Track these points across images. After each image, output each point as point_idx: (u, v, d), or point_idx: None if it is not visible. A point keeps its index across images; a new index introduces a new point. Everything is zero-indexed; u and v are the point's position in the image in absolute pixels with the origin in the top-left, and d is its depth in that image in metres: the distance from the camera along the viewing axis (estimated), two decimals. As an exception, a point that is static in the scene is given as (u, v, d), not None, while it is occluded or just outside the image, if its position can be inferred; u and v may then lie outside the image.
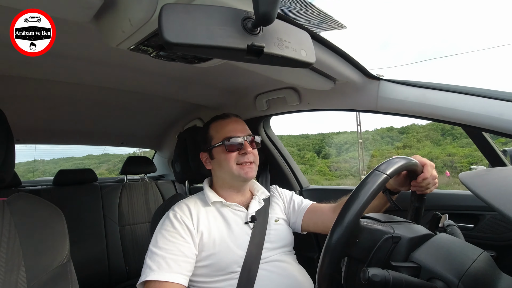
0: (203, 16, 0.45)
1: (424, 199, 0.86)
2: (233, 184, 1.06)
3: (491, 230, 1.01)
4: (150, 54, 0.72)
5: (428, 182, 0.82)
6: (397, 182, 0.89)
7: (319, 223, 1.08)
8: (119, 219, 2.06)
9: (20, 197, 0.79)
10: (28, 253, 0.71)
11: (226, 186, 1.07)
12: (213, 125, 1.08)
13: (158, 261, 0.86)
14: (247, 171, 1.01)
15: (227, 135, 1.02)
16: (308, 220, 1.11)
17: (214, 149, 1.04)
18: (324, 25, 0.79)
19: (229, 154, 1.01)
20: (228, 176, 1.04)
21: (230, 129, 1.04)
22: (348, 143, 22.17)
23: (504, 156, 1.04)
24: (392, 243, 0.61)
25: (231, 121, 1.07)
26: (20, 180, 1.96)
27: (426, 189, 0.83)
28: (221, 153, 1.02)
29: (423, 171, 0.82)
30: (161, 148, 2.53)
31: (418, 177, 0.82)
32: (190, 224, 0.95)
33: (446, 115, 0.90)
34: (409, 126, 26.66)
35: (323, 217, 1.08)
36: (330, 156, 26.41)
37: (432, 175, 0.82)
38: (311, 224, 1.10)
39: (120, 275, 1.94)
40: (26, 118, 1.66)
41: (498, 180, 0.51)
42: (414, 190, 0.86)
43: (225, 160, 1.01)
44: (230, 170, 1.01)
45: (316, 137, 27.64)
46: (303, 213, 1.12)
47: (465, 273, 0.53)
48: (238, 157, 1.01)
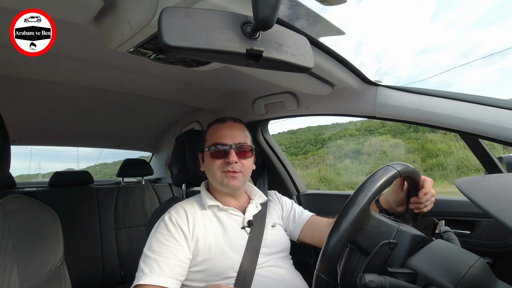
0: (203, 20, 0.46)
1: (418, 219, 0.88)
2: (221, 189, 1.05)
3: (487, 237, 1.02)
4: (149, 57, 0.72)
5: (427, 198, 0.84)
6: (397, 199, 0.90)
7: (315, 236, 1.08)
8: (115, 222, 2.04)
9: (14, 198, 0.78)
10: (21, 255, 0.70)
11: (217, 189, 1.07)
12: (210, 128, 1.08)
13: (151, 265, 0.86)
14: (230, 180, 0.99)
15: (215, 140, 1.01)
16: (306, 231, 1.11)
17: (205, 152, 1.05)
18: (323, 31, 0.80)
19: (214, 161, 1.00)
20: (213, 181, 1.04)
21: (220, 135, 1.02)
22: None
23: (500, 163, 1.05)
24: (388, 249, 0.61)
25: (225, 126, 1.05)
26: (15, 182, 1.95)
27: (424, 207, 0.85)
28: (208, 157, 1.02)
29: (423, 186, 0.83)
30: (158, 151, 2.52)
31: (420, 192, 0.84)
32: (185, 228, 0.94)
33: (443, 122, 0.90)
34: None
35: (320, 230, 1.07)
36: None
37: (431, 192, 0.84)
38: (308, 235, 1.10)
39: (115, 279, 1.92)
40: (22, 119, 1.65)
41: (494, 187, 0.52)
42: (411, 208, 0.87)
43: (210, 165, 1.01)
44: (214, 176, 1.01)
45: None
46: (303, 224, 1.12)
47: (461, 280, 0.53)
48: (223, 165, 0.99)
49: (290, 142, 23.07)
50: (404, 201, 0.90)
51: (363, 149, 16.78)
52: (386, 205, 0.94)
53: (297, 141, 22.74)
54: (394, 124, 16.06)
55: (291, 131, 25.24)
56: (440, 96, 0.93)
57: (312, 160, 16.91)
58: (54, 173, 2.05)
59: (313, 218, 1.14)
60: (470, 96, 0.89)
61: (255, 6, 0.44)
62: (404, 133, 17.01)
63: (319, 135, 22.34)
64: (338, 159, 16.68)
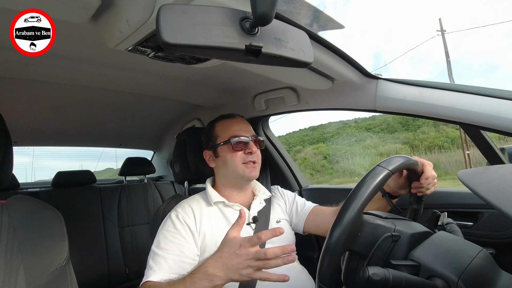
0: (201, 17, 0.45)
1: (422, 201, 0.87)
2: (236, 183, 1.07)
3: (490, 228, 1.02)
4: (148, 55, 0.72)
5: (429, 182, 0.83)
6: (398, 184, 0.90)
7: (320, 226, 1.09)
8: (118, 220, 2.05)
9: (18, 199, 0.79)
10: (27, 255, 0.70)
11: (229, 185, 1.08)
12: (219, 124, 1.09)
13: (159, 262, 0.87)
14: (251, 171, 1.03)
15: (233, 134, 1.04)
16: (310, 222, 1.11)
17: (220, 147, 1.05)
18: (322, 25, 0.79)
19: (235, 153, 1.02)
20: (233, 174, 1.04)
21: (237, 128, 1.06)
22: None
23: (502, 154, 1.05)
24: (391, 241, 0.62)
25: (237, 121, 1.09)
26: (18, 183, 1.96)
27: (427, 190, 0.84)
28: (227, 151, 1.03)
29: (423, 171, 0.83)
30: (160, 149, 2.52)
31: (421, 177, 0.83)
32: (192, 225, 0.95)
33: (444, 114, 0.90)
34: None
35: (325, 219, 1.08)
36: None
37: (432, 175, 0.83)
38: (313, 226, 1.11)
39: (120, 277, 1.93)
40: (24, 120, 1.65)
41: (496, 178, 0.52)
42: (414, 192, 0.86)
43: (231, 158, 1.03)
44: (235, 169, 1.02)
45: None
46: (306, 215, 1.12)
47: (464, 271, 0.53)
48: (244, 156, 1.03)
49: (296, 141, 23.75)
50: (406, 185, 0.89)
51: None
52: (388, 189, 0.94)
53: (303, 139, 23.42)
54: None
55: (312, 127, 25.68)
56: (441, 88, 0.92)
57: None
58: (56, 173, 2.06)
59: (316, 208, 1.14)
60: (471, 88, 0.88)
61: (254, 1, 0.43)
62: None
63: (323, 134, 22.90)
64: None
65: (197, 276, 0.74)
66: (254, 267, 0.69)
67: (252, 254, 0.69)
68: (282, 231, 0.68)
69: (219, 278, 0.72)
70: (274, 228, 0.69)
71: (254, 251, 0.69)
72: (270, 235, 0.68)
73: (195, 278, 0.74)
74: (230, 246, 0.73)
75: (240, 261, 0.70)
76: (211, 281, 0.73)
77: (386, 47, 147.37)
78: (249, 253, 0.69)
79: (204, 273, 0.74)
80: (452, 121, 0.90)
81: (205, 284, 0.73)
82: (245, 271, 0.70)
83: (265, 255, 0.67)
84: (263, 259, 0.67)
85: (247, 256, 0.69)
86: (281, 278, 0.69)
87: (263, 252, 0.67)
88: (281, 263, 0.67)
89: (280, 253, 0.67)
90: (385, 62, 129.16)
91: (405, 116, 1.01)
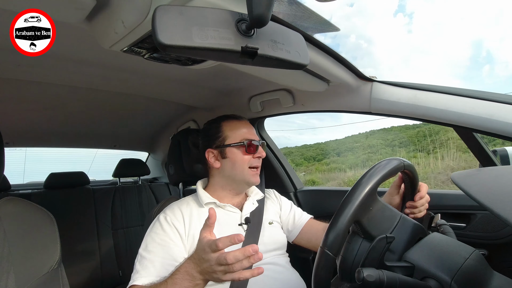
0: (197, 18, 0.45)
1: None
2: (237, 186, 1.07)
3: (482, 229, 1.03)
4: (144, 56, 0.72)
5: (422, 203, 0.85)
6: (392, 202, 0.91)
7: (312, 240, 1.09)
8: (112, 222, 2.03)
9: (9, 201, 0.77)
10: (17, 258, 0.69)
11: (228, 187, 1.07)
12: (227, 124, 1.07)
13: (146, 265, 0.86)
14: (255, 176, 1.04)
15: (246, 136, 1.04)
16: (304, 234, 1.11)
17: (230, 148, 1.03)
18: (318, 27, 0.80)
19: (246, 156, 1.02)
20: (237, 177, 1.03)
21: (247, 132, 1.05)
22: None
23: (494, 156, 1.06)
24: (386, 243, 0.62)
25: (246, 124, 1.09)
26: (9, 184, 1.93)
27: (419, 212, 0.86)
28: (238, 153, 1.02)
29: (419, 190, 0.84)
30: (154, 151, 2.51)
31: (416, 196, 0.85)
32: (180, 227, 0.94)
33: (437, 116, 0.91)
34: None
35: (317, 234, 1.08)
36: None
37: (426, 197, 0.85)
38: (305, 238, 1.11)
39: (113, 279, 1.91)
40: (16, 121, 1.63)
41: (489, 179, 0.52)
42: (407, 213, 0.88)
43: (241, 160, 1.02)
44: (242, 172, 1.02)
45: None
46: (302, 226, 1.12)
47: (457, 272, 0.54)
48: (252, 161, 1.03)
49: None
50: (399, 206, 0.91)
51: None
52: None
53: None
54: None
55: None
56: (435, 91, 0.93)
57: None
58: (49, 175, 2.03)
59: (311, 222, 1.14)
60: (465, 91, 0.89)
61: (250, 3, 0.43)
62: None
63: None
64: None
65: (178, 277, 0.73)
66: (221, 272, 0.67)
67: (214, 260, 0.67)
68: (241, 239, 0.65)
69: (198, 278, 0.72)
70: (233, 235, 0.66)
71: (215, 257, 0.67)
72: (228, 243, 0.66)
73: (176, 279, 0.73)
74: (199, 249, 0.71)
75: (207, 266, 0.68)
76: (192, 281, 0.72)
77: (489, 34, 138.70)
78: (211, 259, 0.67)
79: (185, 273, 0.73)
80: (445, 124, 0.91)
81: (186, 284, 0.72)
82: (214, 275, 0.68)
83: (226, 260, 0.64)
84: (225, 264, 0.65)
85: (209, 262, 0.68)
86: (255, 273, 0.67)
87: (224, 258, 0.65)
88: (247, 265, 0.65)
89: (241, 257, 0.64)
90: (488, 51, 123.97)
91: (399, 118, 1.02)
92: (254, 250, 0.64)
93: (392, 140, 21.09)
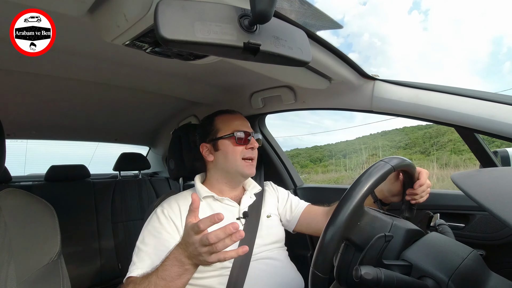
0: (200, 13, 0.45)
1: (414, 210, 0.89)
2: (232, 178, 1.07)
3: (481, 230, 1.03)
4: (145, 50, 0.71)
5: (423, 189, 0.84)
6: (392, 190, 0.91)
7: (312, 225, 1.10)
8: (112, 215, 2.04)
9: (10, 192, 0.78)
10: (18, 249, 0.70)
11: (223, 180, 1.07)
12: (220, 118, 1.09)
13: (142, 257, 0.88)
14: (250, 167, 1.04)
15: (237, 128, 1.04)
16: (302, 221, 1.12)
17: (221, 140, 1.04)
18: (321, 24, 0.79)
19: (237, 147, 1.03)
20: (231, 169, 1.04)
21: (239, 124, 1.06)
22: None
23: (495, 157, 1.06)
24: (384, 241, 0.62)
25: (238, 117, 1.10)
26: (10, 176, 1.93)
27: (420, 198, 0.85)
28: (229, 145, 1.03)
29: (419, 178, 0.84)
30: (155, 145, 2.51)
31: (415, 183, 0.84)
32: (177, 220, 0.95)
33: (439, 116, 0.91)
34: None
35: (317, 219, 1.09)
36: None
37: (427, 183, 0.85)
38: (305, 224, 1.12)
39: (112, 272, 1.93)
40: (17, 113, 1.63)
41: (489, 180, 0.52)
42: (407, 200, 0.88)
43: (232, 152, 1.03)
44: (234, 163, 1.02)
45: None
46: (299, 214, 1.13)
47: (455, 272, 0.54)
48: (244, 152, 1.03)
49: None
50: (399, 192, 0.91)
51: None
52: (381, 195, 0.95)
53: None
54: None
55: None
56: (437, 91, 0.93)
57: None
58: (50, 167, 2.04)
59: (309, 208, 1.15)
60: (467, 91, 0.89)
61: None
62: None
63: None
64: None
65: (167, 263, 0.75)
66: (206, 253, 0.68)
67: (198, 242, 0.68)
68: (221, 217, 0.67)
69: (186, 263, 0.73)
70: (212, 215, 0.67)
71: (198, 239, 0.68)
72: (209, 222, 0.67)
73: (166, 266, 0.75)
74: (185, 234, 0.73)
75: (193, 249, 0.70)
76: (181, 267, 0.73)
77: (511, 30, 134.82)
78: (195, 241, 0.69)
79: (174, 259, 0.74)
80: (447, 124, 0.91)
81: (175, 270, 0.73)
82: (200, 257, 0.70)
83: (208, 240, 0.66)
84: (208, 244, 0.67)
85: (194, 245, 0.69)
86: (240, 251, 0.69)
87: (206, 238, 0.66)
88: (230, 243, 0.67)
89: (223, 235, 0.66)
90: (510, 48, 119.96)
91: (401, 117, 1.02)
92: (235, 228, 0.66)
93: (398, 141, 21.10)
